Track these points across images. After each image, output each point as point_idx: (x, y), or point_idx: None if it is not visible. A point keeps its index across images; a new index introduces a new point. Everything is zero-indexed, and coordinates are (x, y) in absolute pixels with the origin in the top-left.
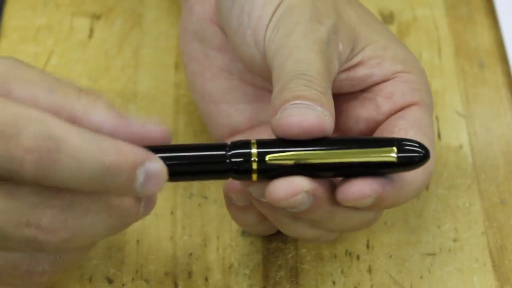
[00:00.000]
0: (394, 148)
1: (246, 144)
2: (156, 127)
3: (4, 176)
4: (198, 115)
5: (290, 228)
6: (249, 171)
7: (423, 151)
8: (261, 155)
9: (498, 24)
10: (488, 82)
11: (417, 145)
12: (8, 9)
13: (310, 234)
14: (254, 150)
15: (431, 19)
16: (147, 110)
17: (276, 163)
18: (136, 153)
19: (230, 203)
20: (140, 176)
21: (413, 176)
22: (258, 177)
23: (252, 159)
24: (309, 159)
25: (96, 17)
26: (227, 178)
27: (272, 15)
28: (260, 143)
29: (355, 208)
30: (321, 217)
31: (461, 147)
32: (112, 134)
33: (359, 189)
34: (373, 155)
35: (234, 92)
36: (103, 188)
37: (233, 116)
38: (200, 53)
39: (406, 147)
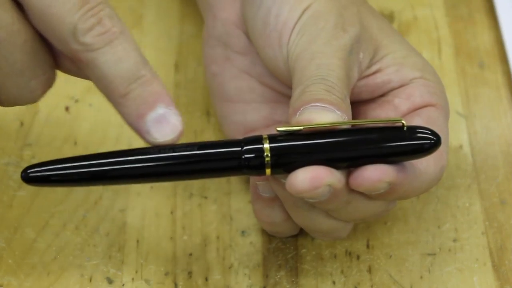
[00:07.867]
0: (402, 120)
1: (258, 139)
2: None
3: None
4: (198, 115)
5: (305, 217)
6: (263, 165)
7: (435, 138)
8: (273, 150)
9: (498, 24)
10: (488, 82)
11: (428, 131)
12: None
13: (324, 224)
14: (266, 145)
15: (431, 19)
16: None
17: (286, 129)
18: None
19: (256, 196)
20: (159, 110)
21: (426, 167)
22: (272, 172)
23: (265, 154)
24: (318, 125)
25: None
26: (240, 174)
27: (298, 19)
28: (272, 138)
29: (369, 197)
30: (337, 206)
31: (461, 147)
32: None
33: (372, 173)
34: (381, 122)
35: (251, 92)
36: (122, 91)
37: (249, 114)
38: (221, 56)
39: (418, 134)
